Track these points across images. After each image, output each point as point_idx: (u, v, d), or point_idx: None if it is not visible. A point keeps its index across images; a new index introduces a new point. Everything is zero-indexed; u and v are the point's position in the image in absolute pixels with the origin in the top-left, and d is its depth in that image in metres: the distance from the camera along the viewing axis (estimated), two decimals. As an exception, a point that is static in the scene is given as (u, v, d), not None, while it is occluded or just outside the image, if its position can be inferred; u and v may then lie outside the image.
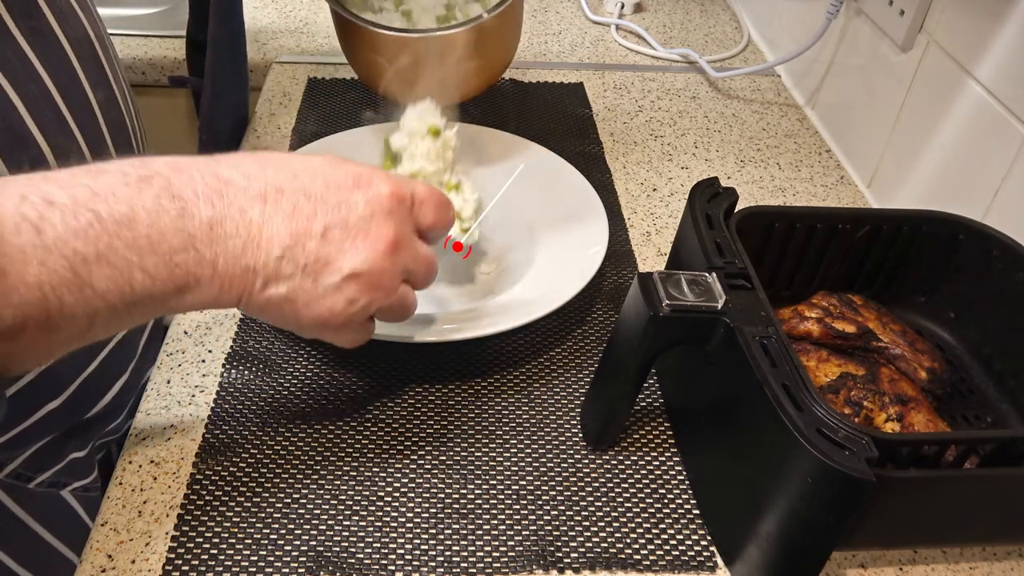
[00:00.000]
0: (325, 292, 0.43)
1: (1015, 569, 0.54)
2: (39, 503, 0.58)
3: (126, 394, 0.63)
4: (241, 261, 0.41)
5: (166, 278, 0.38)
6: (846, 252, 0.64)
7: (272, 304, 0.43)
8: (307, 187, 0.43)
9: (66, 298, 0.35)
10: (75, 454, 0.60)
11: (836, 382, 0.55)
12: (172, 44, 1.04)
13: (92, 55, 0.55)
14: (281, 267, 0.42)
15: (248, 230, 0.41)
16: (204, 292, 0.40)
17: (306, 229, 0.42)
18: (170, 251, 0.38)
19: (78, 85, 0.53)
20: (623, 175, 0.87)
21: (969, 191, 0.72)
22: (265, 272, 0.42)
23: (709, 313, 0.49)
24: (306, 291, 0.43)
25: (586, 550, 0.52)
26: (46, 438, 0.57)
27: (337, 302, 0.44)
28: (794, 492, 0.44)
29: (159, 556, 0.50)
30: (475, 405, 0.61)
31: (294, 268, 0.42)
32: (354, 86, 0.96)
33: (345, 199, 0.43)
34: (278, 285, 0.42)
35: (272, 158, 0.44)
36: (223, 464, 0.55)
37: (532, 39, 1.12)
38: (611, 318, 0.69)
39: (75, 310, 0.36)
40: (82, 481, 0.62)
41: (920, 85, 0.79)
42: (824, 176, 0.90)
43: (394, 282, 0.46)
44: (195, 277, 0.39)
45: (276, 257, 0.41)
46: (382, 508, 0.53)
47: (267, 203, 0.41)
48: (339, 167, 0.45)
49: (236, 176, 0.41)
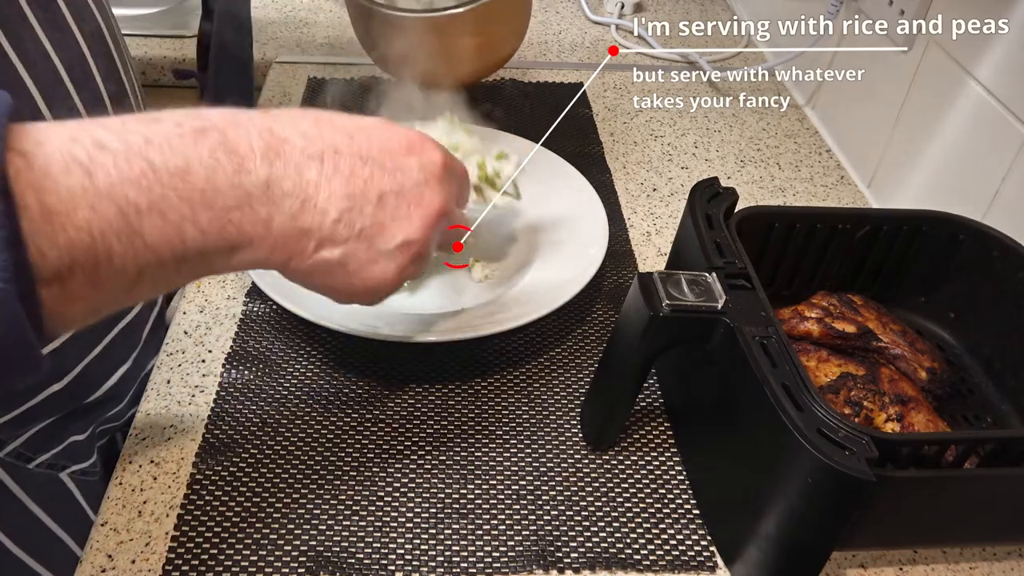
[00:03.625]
0: (378, 258, 0.43)
1: (1015, 569, 0.54)
2: (38, 484, 0.59)
3: (128, 381, 0.63)
4: (297, 222, 0.39)
5: (218, 235, 0.37)
6: (846, 252, 0.64)
7: (321, 268, 0.42)
8: (363, 150, 0.42)
9: (115, 247, 0.33)
10: (75, 437, 0.61)
11: (836, 382, 0.55)
12: (173, 44, 1.04)
13: (104, 50, 0.56)
14: (337, 230, 0.41)
15: (305, 190, 0.39)
16: (255, 252, 0.39)
17: (363, 192, 0.41)
18: (225, 208, 0.37)
19: (90, 77, 0.54)
20: (623, 175, 0.87)
21: (969, 191, 0.72)
22: (320, 234, 0.40)
23: (709, 313, 0.49)
24: (358, 257, 0.42)
25: (586, 550, 0.52)
26: (47, 420, 0.58)
27: (388, 269, 0.43)
28: (794, 492, 0.44)
29: (159, 556, 0.50)
30: (475, 405, 0.61)
31: (350, 232, 0.41)
32: (354, 86, 0.96)
33: (400, 164, 0.43)
34: (332, 249, 0.41)
35: (326, 117, 0.42)
36: (223, 464, 0.55)
37: (532, 39, 1.12)
38: (611, 318, 0.69)
39: (124, 261, 0.34)
40: (81, 465, 0.62)
41: (920, 85, 0.79)
42: (824, 176, 0.90)
43: (432, 243, 0.46)
44: (248, 236, 0.38)
45: (333, 220, 0.40)
46: (382, 508, 0.53)
47: (324, 164, 0.40)
48: (392, 130, 0.44)
49: (293, 134, 0.40)
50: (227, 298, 0.68)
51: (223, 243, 0.37)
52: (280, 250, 0.40)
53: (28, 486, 0.58)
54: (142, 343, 0.64)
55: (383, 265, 0.43)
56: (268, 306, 0.67)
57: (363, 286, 0.44)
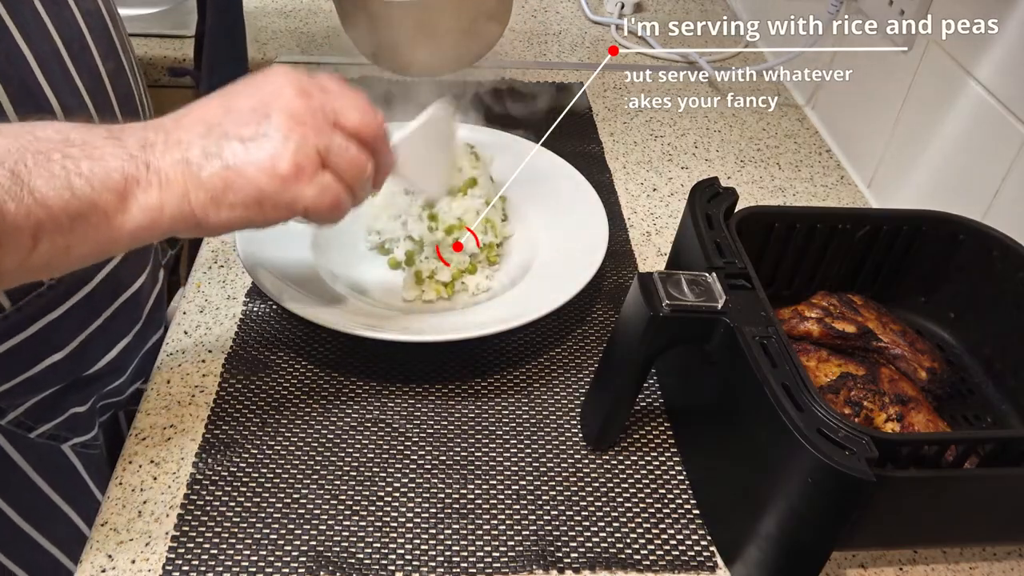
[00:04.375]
0: (255, 143, 0.44)
1: (1015, 569, 0.54)
2: (40, 454, 0.59)
3: (129, 355, 0.64)
4: (168, 156, 0.43)
5: (103, 180, 0.41)
6: (846, 252, 0.64)
7: (218, 181, 0.44)
8: (214, 98, 0.47)
9: (8, 206, 0.37)
10: (76, 409, 0.61)
11: (836, 382, 0.55)
12: (172, 44, 1.04)
13: (103, 28, 0.57)
14: (207, 143, 0.44)
15: (167, 136, 0.44)
16: (148, 196, 0.42)
17: (215, 115, 0.45)
18: (103, 156, 0.41)
19: (88, 53, 0.54)
20: (623, 175, 0.87)
21: (969, 191, 0.72)
22: (194, 153, 0.44)
23: (709, 313, 0.49)
24: (237, 152, 0.44)
25: (586, 550, 0.52)
26: (48, 390, 0.58)
27: (274, 143, 0.45)
28: (794, 492, 0.44)
29: (159, 556, 0.50)
30: (475, 405, 0.61)
31: (218, 138, 0.44)
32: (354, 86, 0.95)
33: (246, 97, 0.47)
34: (210, 159, 0.44)
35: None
36: (223, 464, 0.55)
37: (532, 39, 1.12)
38: (611, 318, 0.69)
39: (18, 220, 0.38)
40: (82, 437, 0.63)
41: (920, 85, 0.79)
42: (824, 176, 0.90)
43: (319, 121, 0.46)
44: (133, 178, 0.42)
45: (199, 136, 0.44)
46: (382, 508, 0.53)
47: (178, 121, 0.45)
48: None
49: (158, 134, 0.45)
50: (227, 298, 0.68)
51: (111, 190, 0.41)
52: (169, 185, 0.43)
53: (30, 456, 0.58)
54: (144, 318, 0.64)
55: (267, 144, 0.45)
56: (268, 306, 0.67)
57: (263, 172, 0.44)
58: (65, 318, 0.56)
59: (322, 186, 0.46)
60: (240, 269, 0.70)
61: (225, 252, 0.73)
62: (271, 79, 0.47)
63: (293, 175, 0.45)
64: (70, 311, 0.56)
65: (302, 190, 0.46)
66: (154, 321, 0.67)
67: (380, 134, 0.50)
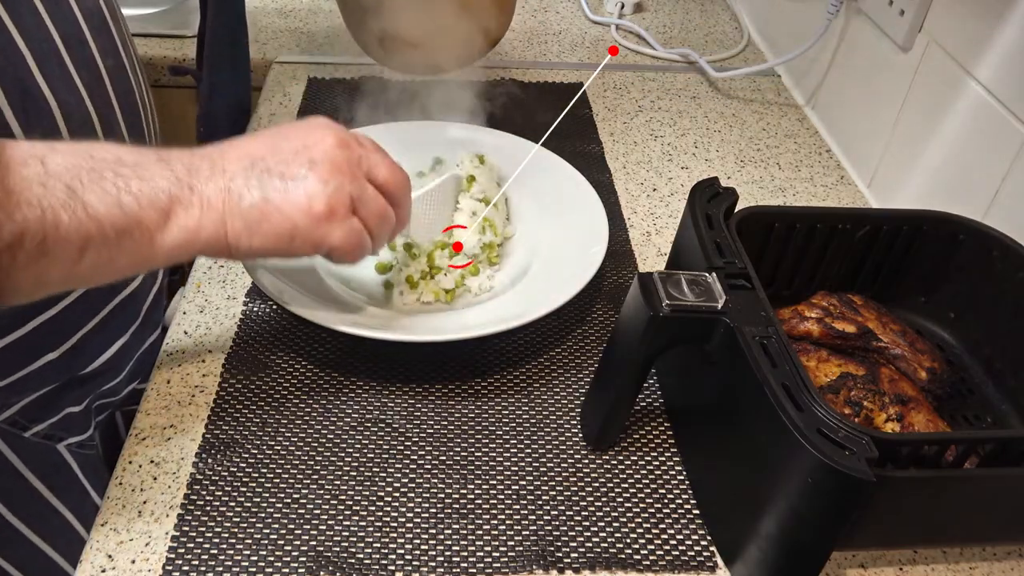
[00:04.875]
0: (295, 182, 0.48)
1: (1015, 569, 0.54)
2: (35, 454, 0.59)
3: (125, 355, 0.64)
4: (212, 183, 0.46)
5: (150, 200, 0.44)
6: (846, 252, 0.64)
7: (255, 212, 0.47)
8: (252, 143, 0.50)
9: (62, 217, 0.40)
10: (71, 408, 0.61)
11: (836, 382, 0.55)
12: (172, 44, 1.04)
13: (103, 25, 0.57)
14: (250, 176, 0.47)
15: (212, 164, 0.47)
16: (189, 215, 0.45)
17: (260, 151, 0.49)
18: (152, 177, 0.44)
19: (86, 49, 0.55)
20: (623, 175, 0.87)
21: (969, 191, 0.72)
22: (236, 184, 0.47)
23: (709, 313, 0.49)
24: (277, 188, 0.48)
25: (586, 550, 0.52)
26: (43, 389, 0.59)
27: (311, 185, 0.48)
28: (794, 492, 0.44)
29: (159, 556, 0.50)
30: (475, 405, 0.61)
31: (261, 173, 0.48)
32: (354, 86, 0.96)
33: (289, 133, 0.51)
34: (251, 190, 0.47)
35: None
36: (223, 464, 0.55)
37: (532, 39, 1.12)
38: (611, 318, 0.69)
39: (69, 232, 0.41)
40: (78, 437, 0.63)
41: (920, 85, 0.79)
42: (824, 176, 0.90)
43: (355, 170, 0.50)
44: (177, 199, 0.45)
45: (243, 169, 0.47)
46: (382, 508, 0.53)
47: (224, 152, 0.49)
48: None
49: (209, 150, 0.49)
50: (227, 298, 0.68)
51: (156, 209, 0.44)
52: (209, 209, 0.46)
53: (25, 456, 0.59)
54: (141, 318, 0.64)
55: (304, 184, 0.48)
56: (268, 306, 0.67)
57: (297, 209, 0.48)
58: (61, 316, 0.56)
59: (350, 229, 0.50)
60: (240, 269, 0.70)
61: (225, 252, 0.73)
62: (315, 127, 0.51)
63: (326, 216, 0.49)
64: (66, 310, 0.56)
65: (332, 230, 0.49)
66: (152, 321, 0.67)
67: (405, 190, 0.55)
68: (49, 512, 0.61)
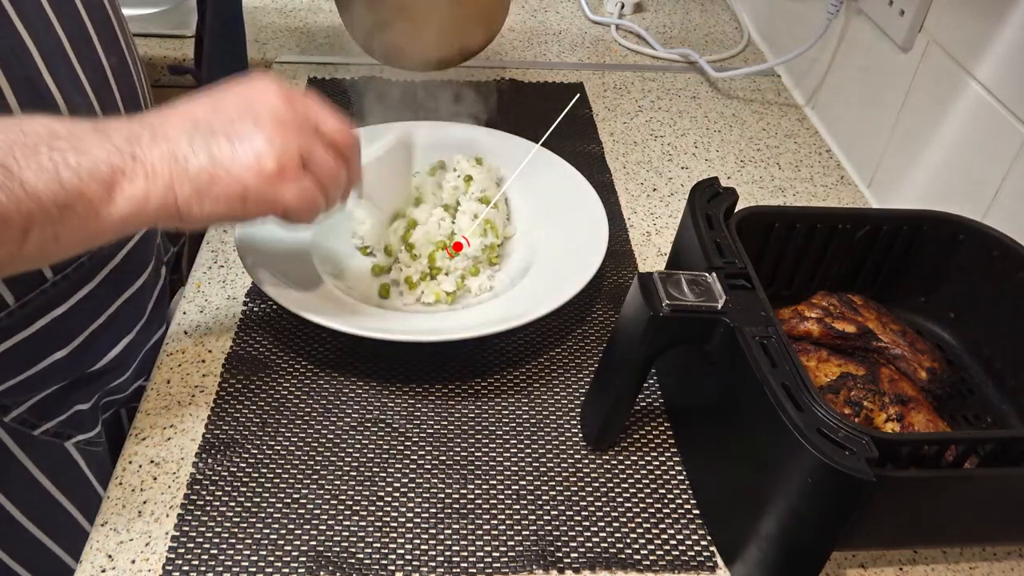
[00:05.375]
0: (242, 141, 0.46)
1: (1015, 569, 0.54)
2: (43, 451, 0.60)
3: (131, 352, 0.64)
4: (155, 149, 0.44)
5: (90, 172, 0.42)
6: (846, 252, 0.64)
7: (203, 175, 0.45)
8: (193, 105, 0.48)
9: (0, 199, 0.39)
10: (80, 406, 0.61)
11: (836, 382, 0.55)
12: (172, 44, 1.04)
13: (105, 22, 0.57)
14: (194, 138, 0.46)
15: (152, 131, 0.45)
16: (134, 187, 0.43)
17: (202, 113, 0.47)
18: (90, 149, 0.42)
19: (91, 47, 0.54)
20: (623, 175, 0.87)
21: (969, 191, 0.72)
22: (181, 148, 0.45)
23: (709, 313, 0.49)
24: (224, 149, 0.46)
25: (586, 550, 0.52)
26: (52, 387, 0.59)
27: (258, 143, 0.46)
28: (794, 492, 0.44)
29: (159, 556, 0.50)
30: (475, 405, 0.61)
31: (205, 135, 0.46)
32: (354, 86, 0.96)
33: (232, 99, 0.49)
34: (196, 154, 0.45)
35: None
36: (223, 464, 0.55)
37: (532, 39, 1.12)
38: (611, 318, 0.69)
39: (9, 212, 0.39)
40: (86, 435, 0.63)
41: (920, 85, 0.79)
42: (824, 176, 0.90)
43: (302, 126, 0.48)
44: (119, 169, 0.43)
45: (186, 132, 0.46)
46: (382, 508, 0.53)
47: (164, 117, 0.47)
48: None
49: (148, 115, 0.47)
50: (227, 298, 0.68)
51: (99, 182, 0.42)
52: (155, 178, 0.44)
53: (33, 453, 0.59)
54: (147, 315, 0.65)
55: (251, 143, 0.46)
56: (268, 306, 0.67)
57: (247, 169, 0.46)
58: (69, 315, 0.56)
59: (302, 187, 0.48)
60: (240, 269, 0.70)
61: (225, 252, 0.73)
62: (257, 84, 0.49)
63: (277, 174, 0.47)
64: (74, 308, 0.56)
65: (284, 189, 0.47)
66: (157, 318, 0.67)
67: (354, 145, 0.53)
68: (56, 509, 0.61)
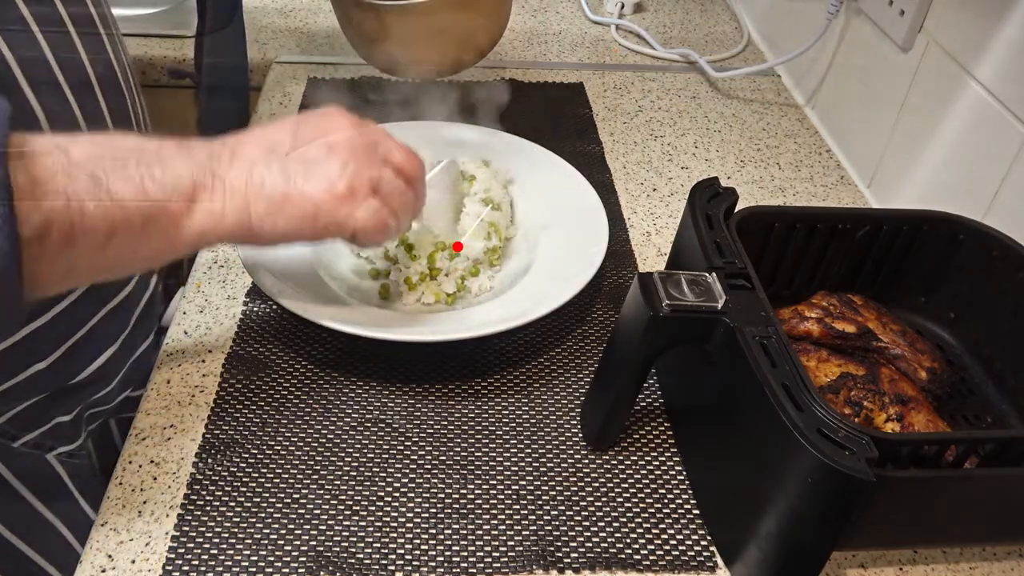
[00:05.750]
0: (316, 165, 0.49)
1: (1015, 569, 0.54)
2: (23, 463, 0.59)
3: (115, 364, 0.64)
4: (233, 168, 0.48)
5: (174, 186, 0.45)
6: (846, 252, 0.64)
7: (277, 194, 0.48)
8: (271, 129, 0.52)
9: (87, 206, 0.41)
10: (61, 418, 0.61)
11: (836, 382, 0.55)
12: (172, 44, 1.04)
13: (92, 31, 0.57)
14: (270, 161, 0.49)
15: (232, 151, 0.48)
16: (213, 202, 0.46)
17: (278, 137, 0.50)
18: (174, 164, 0.45)
19: (77, 59, 0.54)
20: (623, 175, 0.87)
21: (969, 191, 0.72)
22: (257, 169, 0.48)
23: (709, 313, 0.49)
24: (298, 171, 0.49)
25: (586, 550, 0.52)
26: (32, 399, 0.58)
27: (331, 167, 0.50)
28: (794, 492, 0.44)
29: (159, 556, 0.50)
30: (475, 405, 0.61)
31: (281, 158, 0.49)
32: (354, 86, 0.96)
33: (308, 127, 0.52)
34: (272, 174, 0.48)
35: None
36: (223, 464, 0.55)
37: (532, 39, 1.12)
38: (611, 318, 0.69)
39: (95, 220, 0.41)
40: (68, 446, 0.62)
41: (920, 85, 0.79)
42: (824, 176, 0.90)
43: (372, 154, 0.52)
44: (200, 185, 0.46)
45: (263, 154, 0.49)
46: (382, 508, 0.53)
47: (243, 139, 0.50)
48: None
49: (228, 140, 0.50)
50: (227, 298, 0.68)
51: (180, 196, 0.45)
52: (233, 195, 0.47)
53: (13, 465, 0.58)
54: (131, 325, 0.64)
55: (324, 166, 0.49)
56: (268, 306, 0.67)
57: (318, 191, 0.49)
58: (49, 327, 0.56)
59: (372, 209, 0.51)
60: (240, 269, 0.70)
61: (225, 252, 0.73)
62: (331, 115, 0.53)
63: (348, 196, 0.50)
64: (54, 320, 0.56)
65: (355, 210, 0.50)
66: (143, 329, 0.66)
67: (421, 172, 0.56)
68: (39, 522, 0.60)
